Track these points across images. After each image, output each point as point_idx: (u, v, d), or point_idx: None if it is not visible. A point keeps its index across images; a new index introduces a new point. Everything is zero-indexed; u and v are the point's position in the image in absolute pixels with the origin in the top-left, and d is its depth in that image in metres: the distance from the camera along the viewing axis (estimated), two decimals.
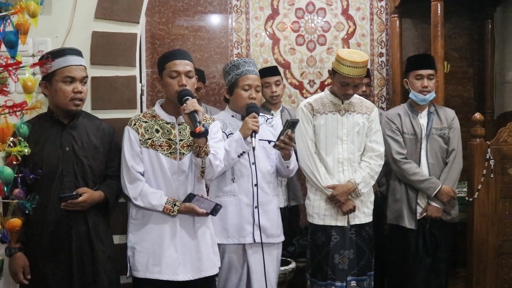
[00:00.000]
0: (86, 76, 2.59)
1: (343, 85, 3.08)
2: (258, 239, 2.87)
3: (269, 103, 4.08)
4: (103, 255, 2.60)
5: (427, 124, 3.50)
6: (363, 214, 3.19)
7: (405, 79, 3.61)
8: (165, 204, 2.58)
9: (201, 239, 2.67)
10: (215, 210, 2.66)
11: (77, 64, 2.54)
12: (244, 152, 2.83)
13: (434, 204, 3.41)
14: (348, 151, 3.15)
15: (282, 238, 3.05)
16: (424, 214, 3.43)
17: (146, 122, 2.65)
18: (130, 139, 2.62)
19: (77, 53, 2.59)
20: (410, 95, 3.54)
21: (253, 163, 2.90)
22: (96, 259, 2.57)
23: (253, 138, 2.76)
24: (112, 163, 2.68)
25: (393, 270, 3.62)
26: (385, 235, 3.83)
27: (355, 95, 3.23)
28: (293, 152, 2.96)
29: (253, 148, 2.75)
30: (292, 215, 4.14)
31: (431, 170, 3.46)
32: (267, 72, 4.12)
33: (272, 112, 4.01)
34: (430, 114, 3.53)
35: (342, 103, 3.19)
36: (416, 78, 3.49)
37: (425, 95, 3.47)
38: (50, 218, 2.48)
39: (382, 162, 3.23)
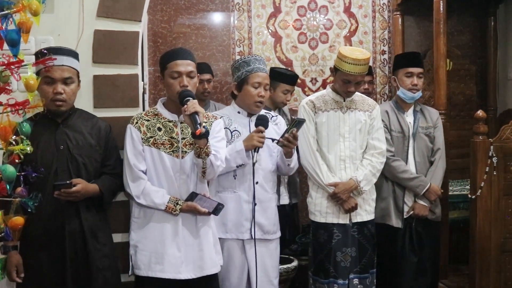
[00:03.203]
0: (69, 77, 2.53)
1: (345, 82, 3.08)
2: (256, 235, 2.89)
3: (272, 104, 4.06)
4: (99, 254, 2.60)
5: (414, 122, 3.50)
6: (365, 212, 3.19)
7: (393, 76, 3.61)
8: (168, 203, 2.58)
9: (203, 238, 2.67)
10: (217, 209, 2.67)
11: (58, 64, 2.48)
12: (243, 164, 2.84)
13: (421, 202, 3.41)
14: (350, 149, 3.15)
15: (278, 234, 3.07)
16: (411, 212, 3.43)
17: (148, 120, 2.65)
18: (132, 137, 2.62)
19: (64, 52, 2.53)
20: (398, 93, 3.54)
21: (255, 162, 2.89)
22: (90, 258, 2.56)
23: (256, 153, 2.78)
24: (108, 161, 2.68)
25: (381, 269, 3.59)
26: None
27: (357, 93, 3.23)
28: (295, 150, 2.96)
29: (254, 164, 2.78)
30: (294, 212, 4.14)
31: (418, 168, 3.46)
32: (293, 81, 4.04)
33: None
34: (416, 113, 3.54)
35: (344, 101, 3.18)
36: (406, 75, 3.49)
37: (414, 93, 3.47)
38: (43, 215, 2.46)
39: (384, 160, 3.23)
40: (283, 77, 4.01)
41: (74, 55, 2.60)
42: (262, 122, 2.84)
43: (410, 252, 3.44)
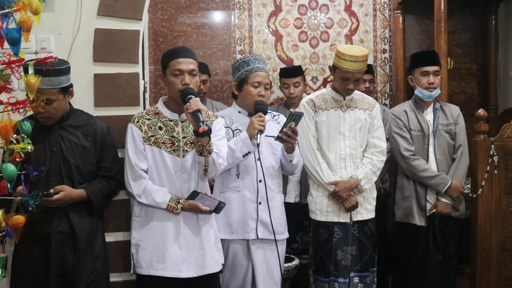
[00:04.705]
0: (48, 99, 2.45)
1: (344, 80, 3.09)
2: (261, 235, 2.88)
3: (289, 101, 4.13)
4: (90, 256, 2.60)
5: (434, 120, 3.49)
6: (366, 210, 3.19)
7: (410, 76, 3.59)
8: (169, 202, 2.58)
9: (205, 236, 2.68)
10: (218, 207, 2.67)
11: (41, 87, 2.27)
12: (249, 152, 2.83)
13: (444, 200, 3.41)
14: (350, 147, 3.15)
15: (286, 235, 3.05)
16: (434, 210, 3.42)
17: (149, 119, 2.65)
18: (134, 136, 2.62)
19: (50, 73, 2.39)
20: (416, 92, 3.53)
21: (258, 159, 2.89)
22: (79, 259, 2.56)
23: (259, 135, 2.76)
24: (103, 163, 2.68)
25: (401, 268, 3.60)
26: (392, 233, 3.82)
27: (357, 92, 3.24)
28: (297, 146, 2.95)
29: (258, 145, 2.75)
30: (304, 213, 4.13)
31: (439, 166, 3.45)
32: (287, 73, 4.15)
33: (291, 109, 4.03)
34: (435, 111, 3.52)
35: (344, 99, 3.18)
36: (421, 74, 3.48)
37: (431, 91, 3.46)
38: (32, 215, 2.40)
39: (384, 158, 3.23)
40: (280, 72, 4.26)
41: (56, 73, 2.48)
42: (261, 107, 2.84)
43: (434, 250, 3.44)
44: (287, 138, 2.80)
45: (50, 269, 2.52)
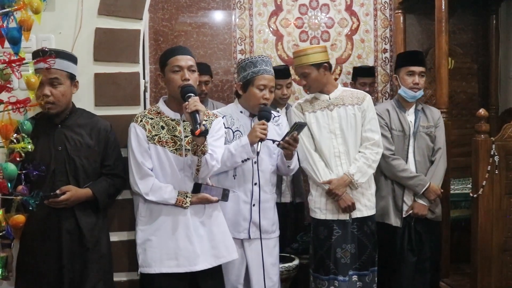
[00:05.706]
0: (55, 78, 2.49)
1: (299, 77, 3.29)
2: (253, 236, 2.92)
3: (276, 102, 4.10)
4: (96, 255, 2.60)
5: (415, 121, 3.50)
6: (365, 207, 3.19)
7: (395, 75, 3.60)
8: (178, 196, 2.60)
9: (214, 226, 2.70)
10: (225, 195, 2.71)
11: (41, 67, 2.35)
12: (248, 158, 2.84)
13: (421, 201, 3.40)
14: (343, 145, 3.17)
15: (277, 233, 3.08)
16: (410, 211, 3.42)
17: (152, 118, 2.65)
18: (138, 135, 2.61)
19: (61, 55, 2.46)
20: (400, 92, 3.53)
21: (255, 162, 2.89)
22: (87, 258, 2.56)
23: (260, 143, 2.77)
24: (107, 162, 2.68)
25: (380, 268, 3.58)
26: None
27: (345, 88, 3.31)
28: (295, 152, 2.96)
29: (257, 153, 2.76)
30: (298, 212, 4.14)
31: (418, 167, 3.45)
32: (280, 74, 4.08)
33: (277, 109, 4.02)
34: (417, 112, 3.53)
35: (330, 99, 3.19)
36: (407, 74, 3.48)
37: (415, 92, 3.46)
38: (40, 215, 2.44)
39: (380, 150, 3.21)
40: None
41: (66, 56, 2.55)
42: (265, 114, 2.85)
43: (408, 251, 3.43)
44: (288, 146, 2.83)
45: (64, 268, 2.51)
